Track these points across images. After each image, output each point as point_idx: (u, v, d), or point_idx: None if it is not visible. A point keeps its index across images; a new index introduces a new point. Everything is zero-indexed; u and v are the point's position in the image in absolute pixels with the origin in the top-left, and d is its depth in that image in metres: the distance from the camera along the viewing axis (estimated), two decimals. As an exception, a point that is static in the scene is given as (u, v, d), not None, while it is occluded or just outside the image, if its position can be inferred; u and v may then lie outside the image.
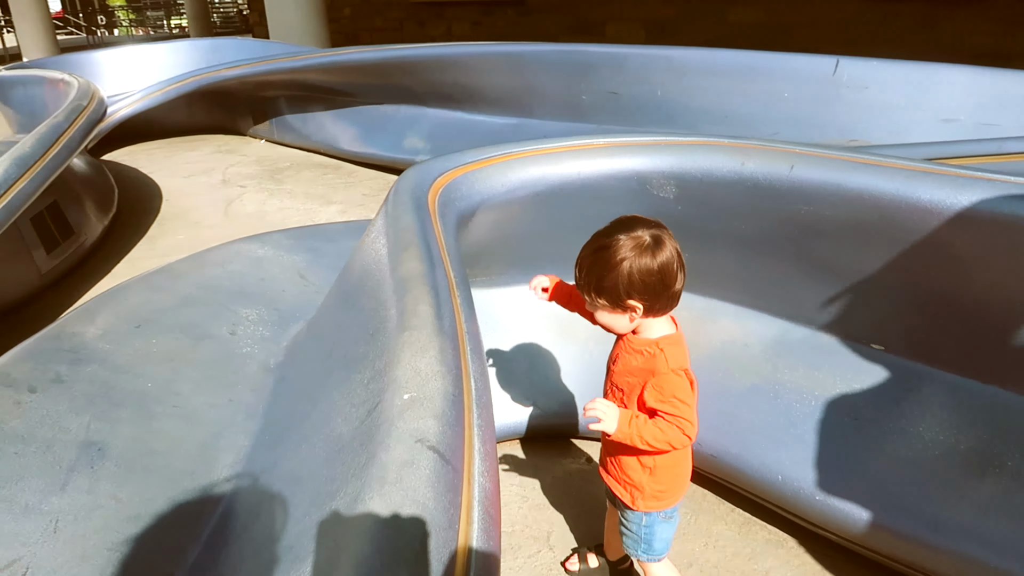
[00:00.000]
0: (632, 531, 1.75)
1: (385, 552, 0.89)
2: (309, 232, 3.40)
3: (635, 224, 1.52)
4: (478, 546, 0.99)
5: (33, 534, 1.37)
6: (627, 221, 1.54)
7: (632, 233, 1.49)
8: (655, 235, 1.50)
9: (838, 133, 4.19)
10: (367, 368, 1.34)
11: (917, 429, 2.06)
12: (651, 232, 1.50)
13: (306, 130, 7.34)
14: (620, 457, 1.69)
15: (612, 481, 1.75)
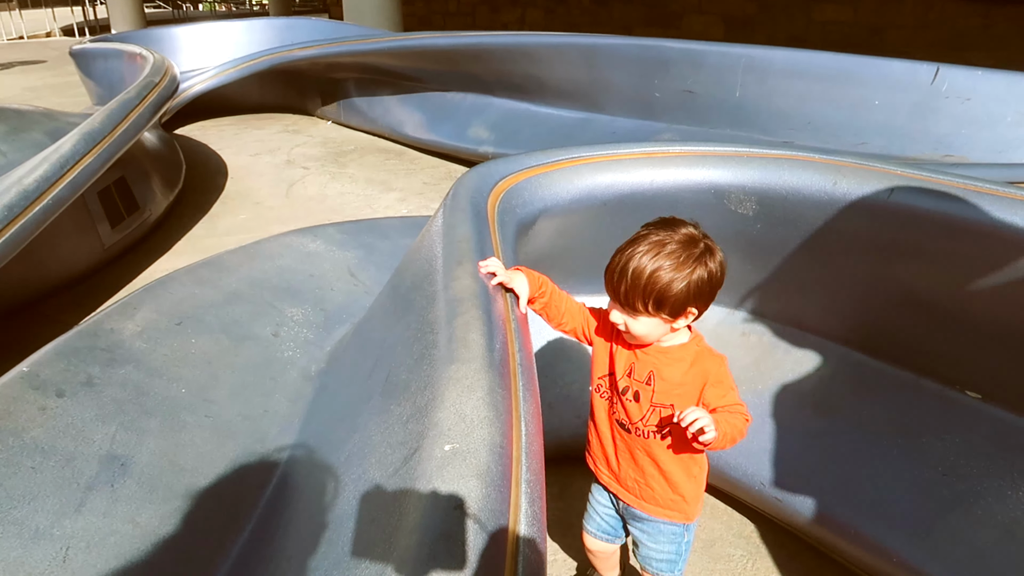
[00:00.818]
0: (671, 550, 1.65)
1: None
2: (364, 226, 3.31)
3: (679, 227, 1.44)
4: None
5: (40, 563, 1.29)
6: (668, 225, 1.45)
7: (687, 239, 1.41)
8: (705, 239, 1.44)
9: (933, 147, 3.89)
10: (408, 402, 1.22)
11: (1017, 493, 1.84)
12: (701, 236, 1.44)
13: (372, 113, 7.30)
14: (662, 472, 1.55)
15: (649, 504, 1.60)
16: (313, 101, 8.11)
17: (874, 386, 2.19)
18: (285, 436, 1.78)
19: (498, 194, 2.07)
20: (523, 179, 2.18)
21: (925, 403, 2.08)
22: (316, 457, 1.52)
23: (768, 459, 2.15)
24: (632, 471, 1.59)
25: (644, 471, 1.57)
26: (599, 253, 2.44)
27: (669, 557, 1.65)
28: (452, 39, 6.32)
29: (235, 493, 1.59)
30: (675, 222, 1.45)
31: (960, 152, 3.79)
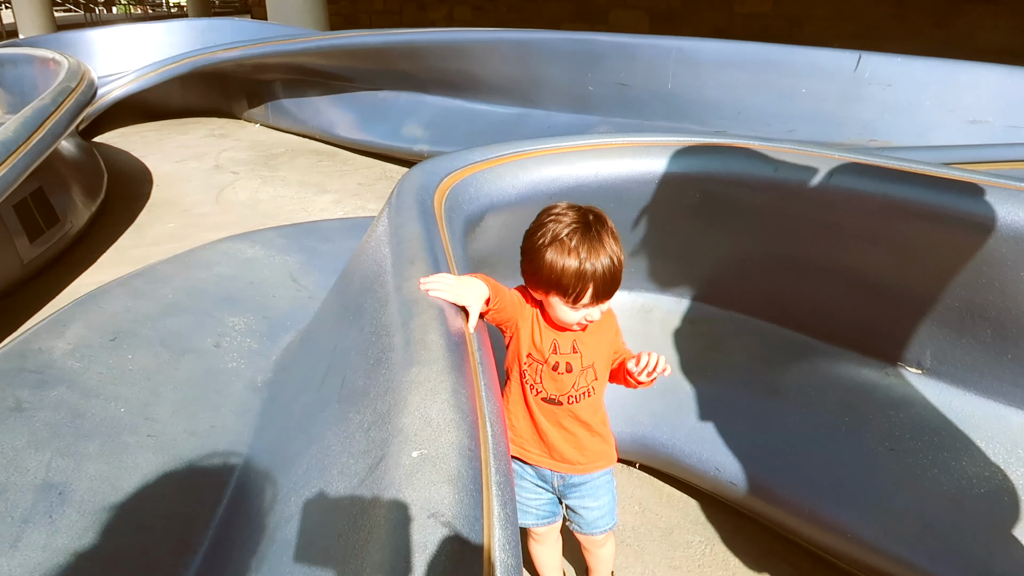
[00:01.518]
0: (609, 499, 1.73)
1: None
2: (304, 230, 3.21)
3: (578, 211, 1.49)
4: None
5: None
6: (577, 213, 1.49)
7: (596, 218, 1.48)
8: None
9: (859, 133, 4.02)
10: (368, 409, 1.17)
11: (960, 463, 1.90)
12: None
13: (302, 115, 7.14)
14: (590, 428, 1.63)
15: (588, 463, 1.66)
16: (239, 104, 7.89)
17: (821, 367, 2.23)
18: (235, 451, 1.70)
19: (444, 191, 2.03)
20: (468, 175, 2.14)
21: (870, 381, 2.13)
22: (271, 471, 1.46)
23: (721, 445, 2.17)
24: (565, 441, 1.63)
25: (576, 435, 1.62)
26: (547, 247, 2.44)
27: (609, 507, 1.74)
28: (383, 37, 6.23)
29: (186, 515, 1.51)
30: (570, 208, 1.50)
31: (885, 136, 3.93)
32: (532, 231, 1.51)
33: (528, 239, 1.51)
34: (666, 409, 2.29)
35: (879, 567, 1.84)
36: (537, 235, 1.48)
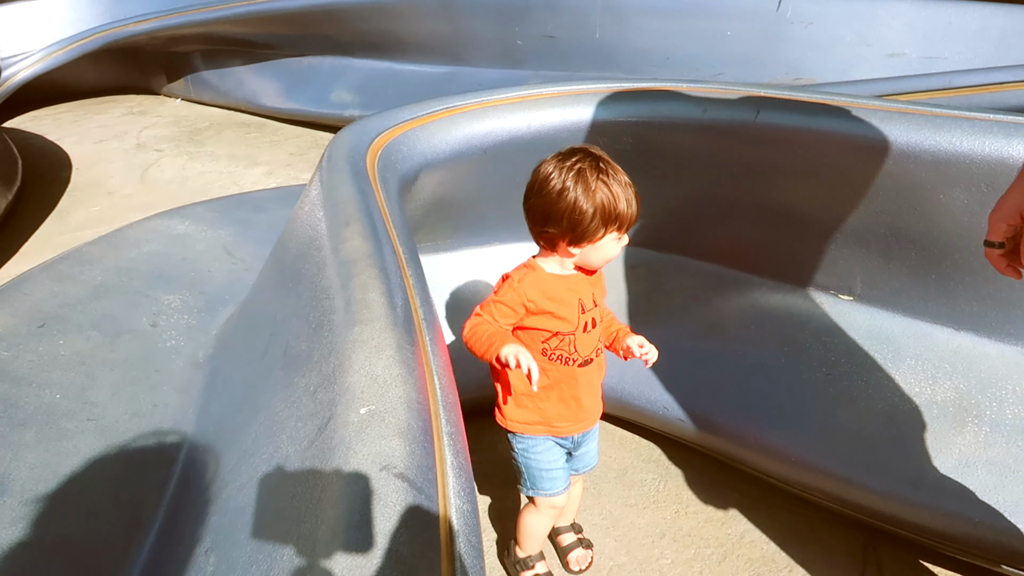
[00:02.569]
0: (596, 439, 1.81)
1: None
2: (235, 201, 3.13)
3: (580, 150, 1.50)
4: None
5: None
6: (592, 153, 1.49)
7: (595, 151, 1.50)
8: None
9: (784, 72, 4.08)
10: (313, 371, 1.16)
11: (892, 381, 1.99)
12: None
13: (225, 87, 6.89)
14: (602, 379, 1.71)
15: (597, 415, 1.73)
16: (157, 79, 7.55)
17: (757, 302, 2.29)
18: (181, 429, 1.67)
19: (376, 151, 2.00)
20: (400, 133, 2.11)
21: (805, 311, 2.20)
22: (219, 444, 1.44)
23: (668, 384, 2.23)
24: (592, 396, 1.67)
25: (597, 386, 1.69)
26: (485, 202, 2.43)
27: (598, 446, 1.83)
28: (303, 0, 6.03)
29: (134, 495, 1.48)
30: (565, 155, 1.48)
31: (809, 74, 4.00)
32: (556, 192, 1.42)
33: (557, 201, 1.42)
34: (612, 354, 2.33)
35: (820, 486, 1.93)
36: (567, 194, 1.41)
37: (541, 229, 1.48)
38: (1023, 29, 3.62)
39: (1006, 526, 1.69)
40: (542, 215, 1.46)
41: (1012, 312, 1.88)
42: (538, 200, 1.46)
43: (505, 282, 1.52)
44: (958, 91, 3.00)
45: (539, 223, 1.48)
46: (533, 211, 1.49)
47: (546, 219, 1.45)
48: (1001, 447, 1.80)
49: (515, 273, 1.53)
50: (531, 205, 1.49)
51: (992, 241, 1.20)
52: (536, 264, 1.54)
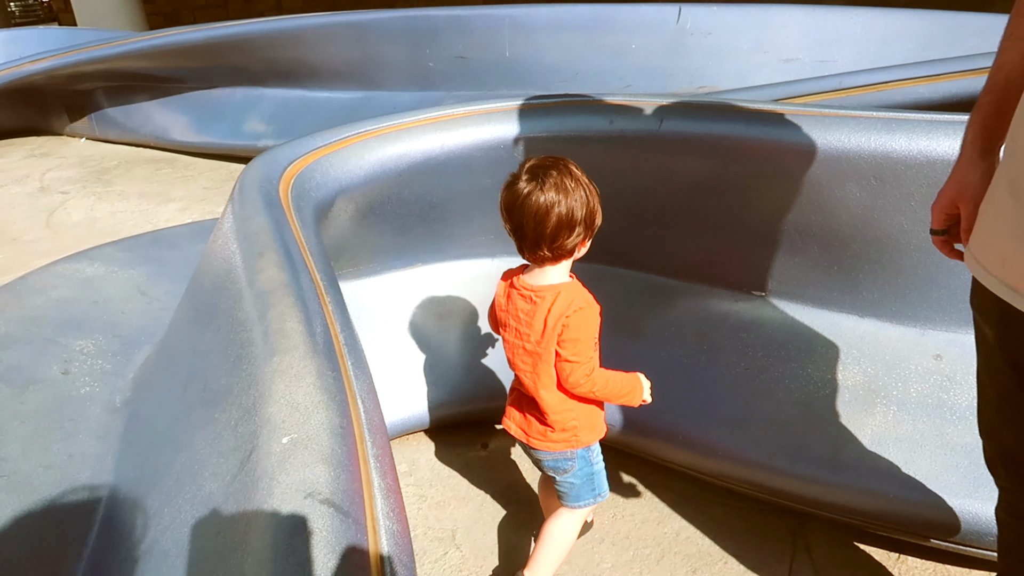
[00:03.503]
0: None
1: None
2: (147, 240, 3.04)
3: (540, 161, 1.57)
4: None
5: None
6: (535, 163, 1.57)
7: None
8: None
9: (688, 80, 4.24)
10: (233, 405, 1.15)
11: (806, 370, 2.08)
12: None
13: (131, 123, 6.69)
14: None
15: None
16: (59, 119, 7.28)
17: (677, 304, 2.36)
18: (100, 477, 1.61)
19: (288, 180, 1.98)
20: (313, 161, 2.10)
21: (721, 310, 2.28)
22: (141, 489, 1.40)
23: (597, 391, 2.26)
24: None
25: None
26: (405, 224, 2.44)
27: None
28: (208, 32, 5.92)
29: (53, 550, 1.41)
30: (530, 166, 1.55)
31: (711, 82, 4.16)
32: (582, 199, 1.51)
33: (580, 206, 1.51)
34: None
35: (747, 477, 2.00)
36: (580, 192, 1.51)
37: (563, 241, 1.52)
38: (902, 31, 3.87)
39: (919, 498, 1.78)
40: (565, 225, 1.50)
41: (909, 297, 2.00)
42: (557, 212, 1.49)
43: (579, 315, 1.54)
44: (849, 91, 3.18)
45: (561, 236, 1.51)
46: (556, 224, 1.49)
47: (570, 228, 1.51)
48: (909, 424, 1.90)
49: (581, 301, 1.56)
50: (552, 220, 1.49)
51: (936, 229, 1.29)
52: (573, 284, 1.60)
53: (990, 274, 1.11)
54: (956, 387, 1.90)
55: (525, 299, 1.60)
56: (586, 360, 1.57)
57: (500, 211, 1.57)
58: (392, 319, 2.51)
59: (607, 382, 1.61)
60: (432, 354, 2.48)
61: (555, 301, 1.55)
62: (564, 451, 1.69)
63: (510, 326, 1.64)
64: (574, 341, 1.55)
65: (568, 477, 1.73)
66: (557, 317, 1.54)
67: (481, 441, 2.49)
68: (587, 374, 1.58)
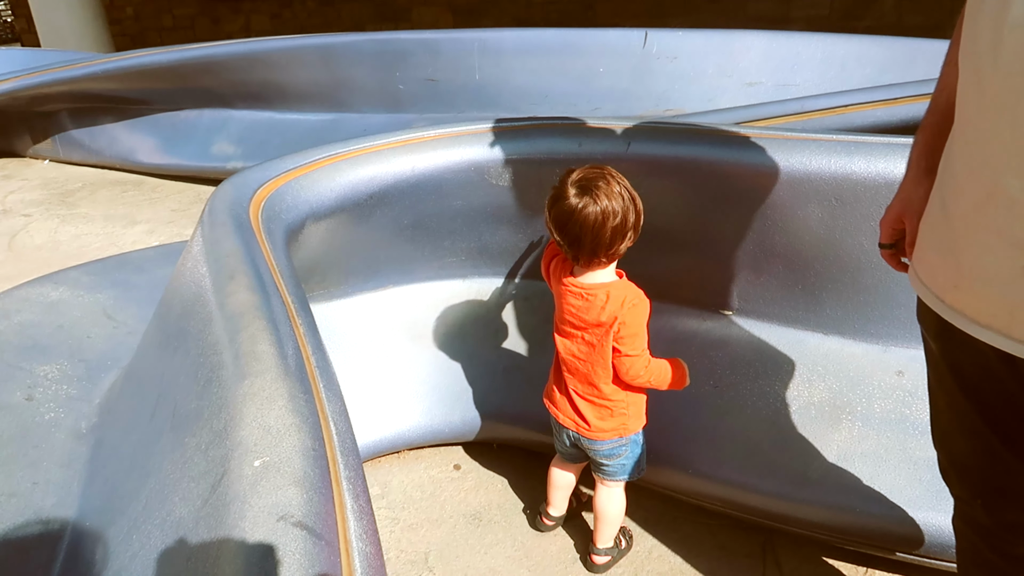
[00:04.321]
0: None
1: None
2: (113, 263, 3.00)
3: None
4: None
5: None
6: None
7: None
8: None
9: (655, 104, 4.31)
10: (203, 429, 1.14)
11: (773, 387, 2.12)
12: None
13: (96, 145, 6.61)
14: None
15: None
16: (22, 140, 7.17)
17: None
18: (65, 504, 1.58)
19: (259, 202, 1.98)
20: (283, 183, 2.10)
21: (689, 329, 2.31)
22: (107, 516, 1.37)
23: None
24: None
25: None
26: (376, 246, 2.45)
27: None
28: (175, 54, 5.89)
29: (17, 579, 1.39)
30: (580, 173, 1.70)
31: (677, 105, 4.24)
32: (631, 206, 1.67)
33: (630, 215, 1.66)
34: (511, 384, 2.38)
35: (717, 494, 2.03)
36: (628, 194, 1.66)
37: (618, 246, 1.67)
38: (860, 57, 3.98)
39: (884, 512, 1.82)
40: (620, 232, 1.64)
41: (871, 314, 2.04)
42: (612, 223, 1.62)
43: (634, 310, 1.70)
44: (810, 115, 3.26)
45: (617, 242, 1.65)
46: (612, 233, 1.63)
47: (623, 234, 1.65)
48: (873, 439, 1.94)
49: (634, 299, 1.72)
50: (608, 230, 1.63)
51: (884, 243, 1.35)
52: (621, 282, 1.75)
53: (926, 287, 1.15)
54: (918, 402, 1.94)
55: (576, 296, 1.74)
56: (643, 353, 1.73)
57: (548, 226, 1.70)
58: (364, 341, 2.50)
59: (660, 370, 1.77)
60: (404, 376, 2.48)
61: (608, 299, 1.69)
62: (619, 439, 1.86)
63: (565, 320, 1.80)
64: (632, 336, 1.70)
65: (619, 461, 1.89)
66: (612, 313, 1.68)
67: (453, 462, 2.49)
68: (645, 366, 1.74)
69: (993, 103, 0.94)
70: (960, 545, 1.41)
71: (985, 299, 1.02)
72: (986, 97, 0.96)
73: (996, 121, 0.94)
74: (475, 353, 2.50)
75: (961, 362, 1.16)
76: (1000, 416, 1.16)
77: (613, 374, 1.78)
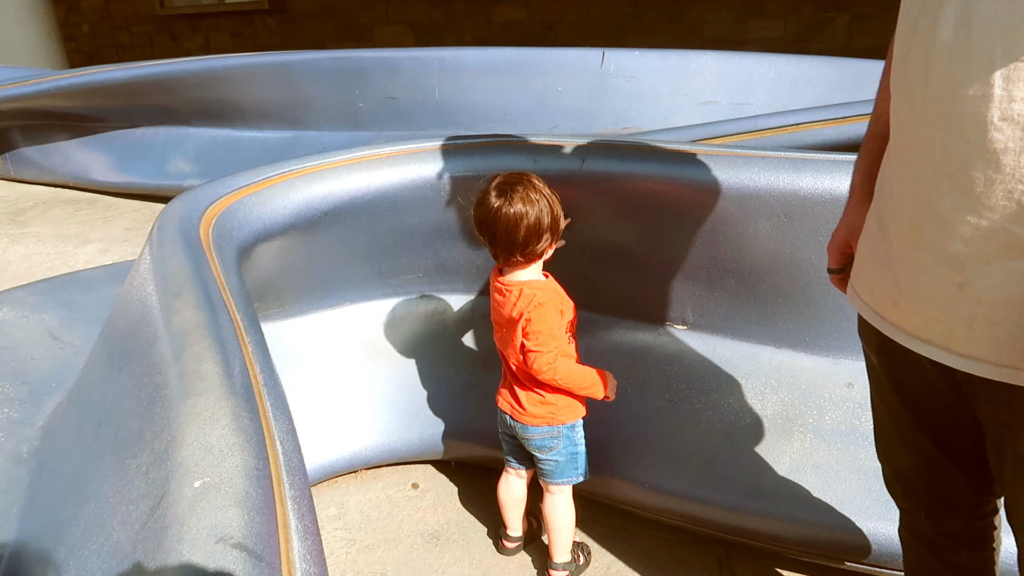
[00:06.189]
0: None
1: None
2: (60, 283, 2.93)
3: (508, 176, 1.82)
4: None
5: None
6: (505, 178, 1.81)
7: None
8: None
9: (612, 122, 4.36)
10: (145, 451, 1.11)
11: (727, 401, 2.14)
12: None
13: (49, 163, 6.47)
14: None
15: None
16: (-31, 159, 6.99)
17: (602, 338, 2.41)
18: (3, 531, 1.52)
19: (210, 220, 1.96)
20: (235, 200, 2.08)
21: (645, 344, 2.33)
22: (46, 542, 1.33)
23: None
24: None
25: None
26: (331, 264, 2.43)
27: None
28: (130, 71, 5.81)
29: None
30: (502, 179, 1.80)
31: (635, 123, 4.30)
32: (546, 207, 1.74)
33: (546, 214, 1.74)
34: (469, 402, 2.37)
35: (673, 508, 2.04)
36: (544, 201, 1.74)
37: (534, 247, 1.75)
38: (811, 77, 4.09)
39: (836, 523, 1.84)
40: (534, 233, 1.72)
41: (821, 327, 2.08)
42: (526, 223, 1.71)
43: (540, 310, 1.76)
44: (763, 133, 3.33)
45: (531, 242, 1.74)
46: (525, 233, 1.72)
47: (538, 235, 1.73)
48: (824, 451, 1.97)
49: (542, 297, 1.77)
50: (522, 230, 1.71)
51: (833, 268, 1.38)
52: (538, 282, 1.82)
53: (866, 304, 1.18)
54: (867, 413, 1.95)
55: (497, 291, 1.84)
56: (548, 350, 1.77)
57: (474, 226, 1.80)
58: (320, 359, 2.47)
59: (569, 373, 1.82)
60: (361, 394, 2.46)
61: (520, 296, 1.77)
62: (549, 428, 1.88)
63: (493, 314, 1.91)
64: (536, 333, 1.76)
65: (553, 455, 1.91)
66: (520, 310, 1.77)
67: (412, 481, 2.46)
68: (549, 363, 1.77)
69: (924, 124, 0.97)
70: (906, 555, 1.43)
71: (923, 315, 1.04)
72: (918, 118, 0.98)
73: (927, 141, 0.97)
74: (433, 370, 2.49)
75: (902, 376, 1.19)
76: (940, 429, 1.18)
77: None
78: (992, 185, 0.90)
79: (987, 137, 0.89)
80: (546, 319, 1.76)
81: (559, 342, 1.80)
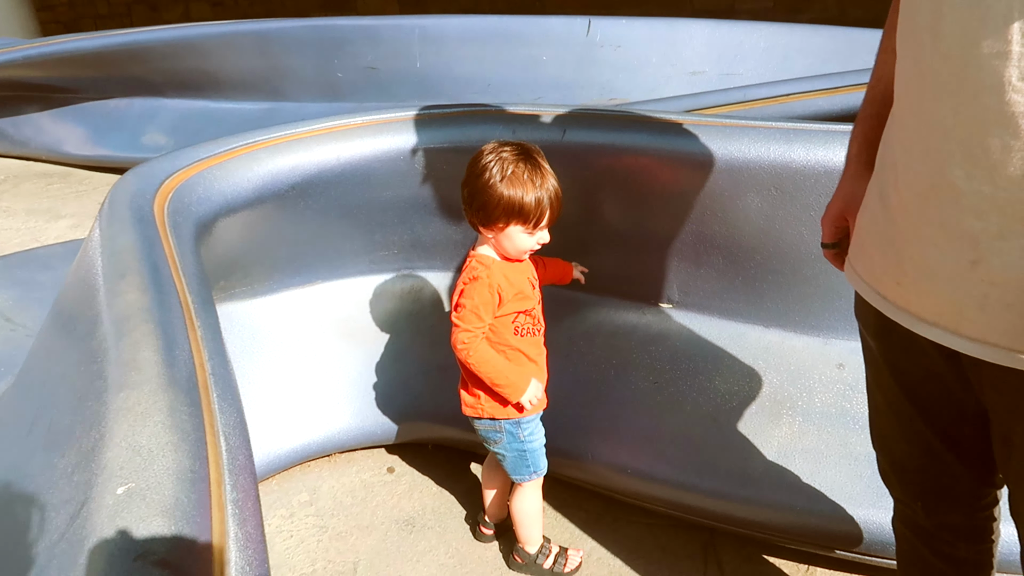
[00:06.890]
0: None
1: None
2: (16, 260, 2.80)
3: (522, 144, 1.70)
4: None
5: None
6: (515, 147, 1.67)
7: (536, 150, 1.70)
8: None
9: (599, 93, 4.24)
10: (73, 449, 1.01)
11: (713, 383, 2.06)
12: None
13: (21, 135, 6.29)
14: None
15: None
16: (-62, 130, 6.79)
17: (586, 317, 2.31)
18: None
19: (166, 194, 1.84)
20: (195, 174, 1.96)
21: (629, 323, 2.24)
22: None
23: (506, 410, 2.19)
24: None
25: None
26: (301, 240, 2.31)
27: None
28: (103, 39, 5.63)
29: None
30: (502, 145, 1.64)
31: (622, 94, 4.17)
32: (478, 173, 1.60)
33: (476, 180, 1.60)
34: (446, 383, 2.27)
35: (657, 494, 1.96)
36: (485, 175, 1.59)
37: (468, 211, 1.66)
38: (802, 47, 3.97)
39: (825, 510, 1.77)
40: (468, 196, 1.64)
41: (811, 306, 1.99)
42: (467, 180, 1.64)
43: (471, 284, 1.66)
44: (753, 103, 3.21)
45: (466, 203, 1.66)
46: (463, 191, 1.66)
47: (471, 201, 1.63)
48: (814, 435, 1.89)
49: (479, 272, 1.66)
50: (463, 184, 1.66)
51: (827, 243, 1.28)
52: (486, 257, 1.69)
53: (865, 283, 1.09)
54: (858, 396, 1.89)
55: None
56: (468, 327, 1.67)
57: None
58: (291, 339, 2.38)
59: (485, 360, 1.68)
60: (334, 375, 2.36)
61: (466, 266, 1.72)
62: (490, 421, 1.79)
63: None
64: (461, 307, 1.68)
65: (498, 449, 1.83)
66: (461, 280, 1.71)
67: (387, 465, 2.38)
68: (464, 341, 1.67)
69: (934, 87, 0.88)
70: (900, 546, 1.36)
71: (931, 296, 0.95)
72: (926, 81, 0.89)
73: (937, 107, 0.87)
74: (409, 351, 2.40)
75: (902, 361, 1.11)
76: (942, 418, 1.10)
77: None
78: (1009, 153, 0.81)
79: (1004, 99, 0.79)
80: (474, 295, 1.65)
81: (484, 324, 1.67)
